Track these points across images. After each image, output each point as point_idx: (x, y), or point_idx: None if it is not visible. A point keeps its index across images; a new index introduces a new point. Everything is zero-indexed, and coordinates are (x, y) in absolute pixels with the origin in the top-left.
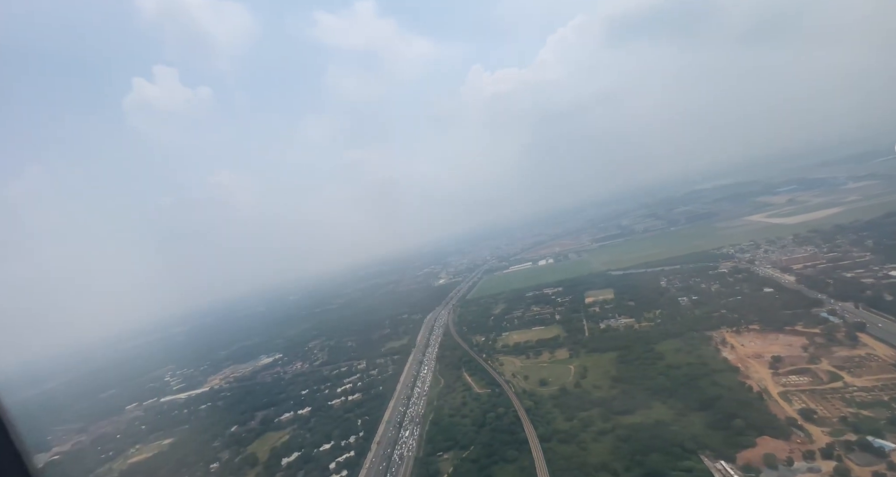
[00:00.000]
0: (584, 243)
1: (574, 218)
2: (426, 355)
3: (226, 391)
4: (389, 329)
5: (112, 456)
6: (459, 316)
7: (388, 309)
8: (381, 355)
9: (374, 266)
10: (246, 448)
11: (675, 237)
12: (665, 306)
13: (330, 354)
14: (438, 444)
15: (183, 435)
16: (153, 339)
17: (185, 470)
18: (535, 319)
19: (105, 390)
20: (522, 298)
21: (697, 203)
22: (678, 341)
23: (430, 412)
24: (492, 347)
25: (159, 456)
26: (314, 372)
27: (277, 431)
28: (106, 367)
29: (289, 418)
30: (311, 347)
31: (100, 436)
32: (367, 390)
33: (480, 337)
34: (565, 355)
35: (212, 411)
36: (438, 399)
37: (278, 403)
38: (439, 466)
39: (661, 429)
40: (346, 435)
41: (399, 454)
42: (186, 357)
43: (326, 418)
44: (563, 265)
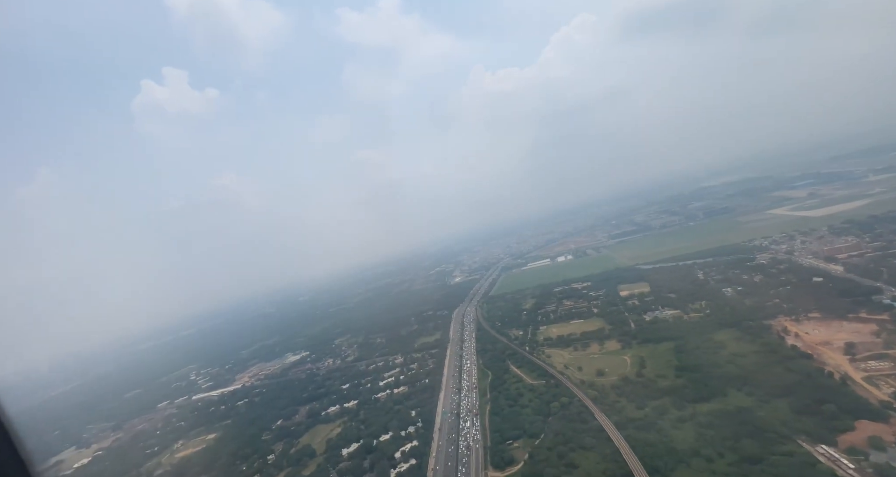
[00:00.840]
0: (601, 240)
1: (582, 216)
2: (464, 349)
3: (260, 388)
4: (417, 325)
5: (157, 451)
6: (488, 311)
7: (409, 307)
8: (415, 351)
9: (380, 267)
10: (298, 440)
11: (698, 232)
12: (710, 297)
13: (361, 351)
14: (505, 433)
15: (227, 430)
16: (163, 341)
17: (241, 462)
18: (572, 313)
19: (129, 390)
20: (551, 294)
21: (711, 199)
22: (735, 331)
23: (485, 403)
24: (533, 341)
25: (208, 450)
26: (348, 368)
27: (327, 424)
28: (121, 369)
29: (336, 411)
30: (339, 345)
31: (138, 433)
32: (412, 383)
33: (517, 331)
34: (616, 347)
35: (251, 407)
36: (491, 391)
37: (319, 397)
38: (512, 453)
39: (746, 415)
40: (403, 426)
41: (465, 444)
42: (206, 357)
43: (376, 410)
44: (584, 261)
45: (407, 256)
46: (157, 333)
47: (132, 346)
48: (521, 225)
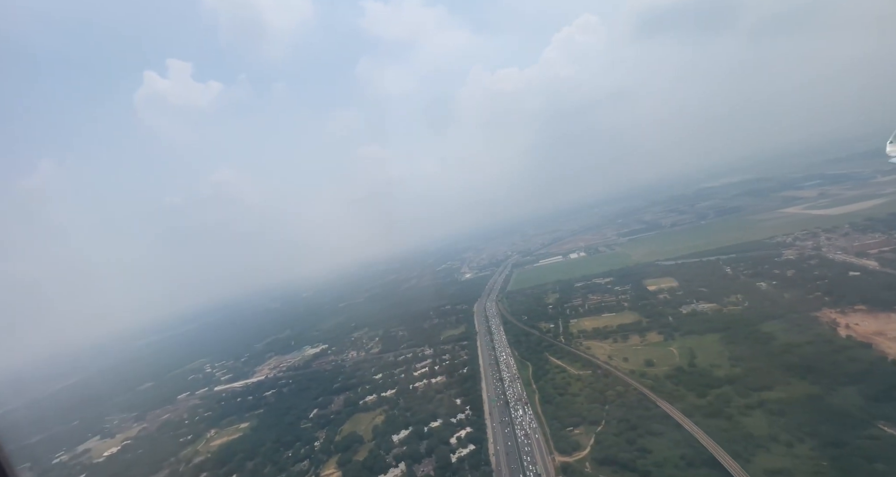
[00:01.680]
0: (611, 237)
1: (583, 215)
2: (495, 342)
3: (285, 379)
4: (437, 319)
5: (191, 439)
6: (510, 306)
7: (423, 302)
8: (442, 343)
9: (380, 264)
10: (340, 428)
11: (711, 230)
12: (744, 291)
13: (384, 344)
14: (562, 420)
15: (260, 419)
16: (165, 337)
17: (285, 448)
18: (602, 307)
19: (141, 383)
20: (572, 289)
21: (716, 199)
22: (781, 323)
23: (532, 392)
24: (567, 333)
25: (245, 438)
26: (376, 359)
27: (367, 413)
28: (124, 363)
29: (374, 400)
30: (358, 338)
31: (163, 423)
32: (449, 374)
33: (547, 324)
34: (658, 338)
35: (281, 397)
36: (536, 381)
37: (352, 387)
38: (576, 439)
39: (817, 402)
40: (451, 413)
41: (522, 431)
42: (217, 351)
43: (417, 399)
44: (598, 258)
45: (407, 255)
46: (156, 329)
47: (131, 341)
48: (521, 223)
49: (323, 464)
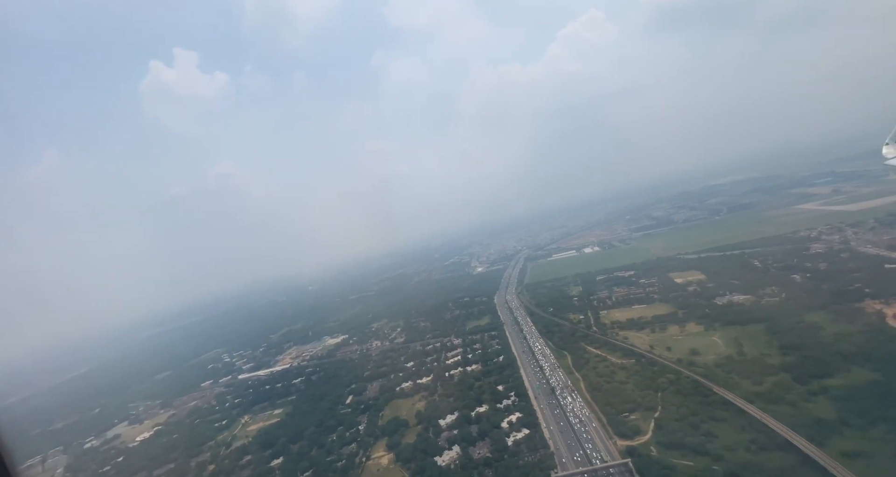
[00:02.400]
0: (622, 233)
1: (589, 212)
2: (525, 332)
3: (312, 367)
4: (458, 311)
5: (225, 425)
6: (532, 298)
7: (440, 294)
8: (469, 333)
9: (383, 259)
10: (381, 413)
11: (727, 225)
12: (778, 284)
13: (407, 334)
14: (615, 406)
15: (295, 405)
16: (169, 329)
17: (328, 432)
18: (631, 299)
19: (158, 373)
20: (595, 281)
21: (725, 196)
22: (825, 313)
23: (577, 380)
24: (599, 324)
25: (283, 423)
26: (402, 348)
27: (405, 399)
28: (133, 354)
29: (410, 387)
30: (378, 328)
31: (192, 409)
32: (484, 362)
33: (576, 315)
34: (698, 329)
35: (311, 385)
36: (578, 369)
37: (383, 375)
38: (636, 424)
39: (882, 388)
40: (496, 399)
41: (575, 416)
42: (232, 342)
43: (456, 386)
44: (614, 252)
45: (408, 250)
46: (158, 322)
47: (134, 333)
48: (524, 220)
49: (371, 447)
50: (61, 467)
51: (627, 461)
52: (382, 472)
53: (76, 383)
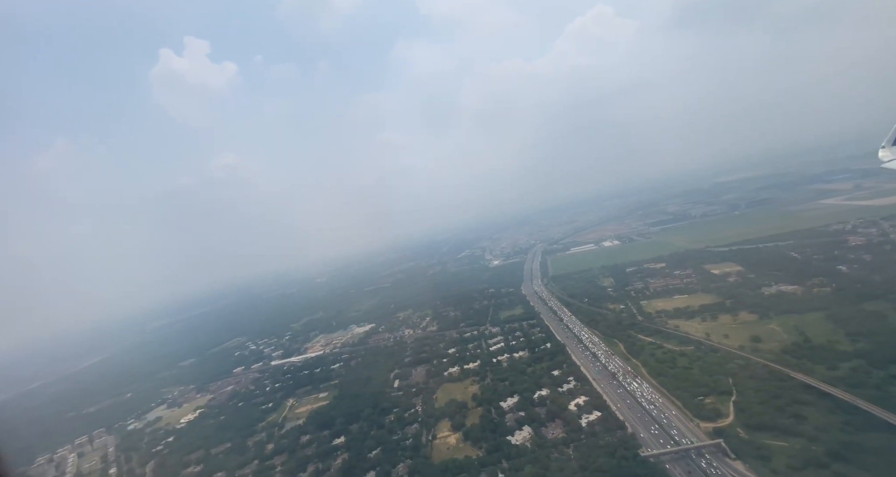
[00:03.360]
0: (638, 228)
1: (596, 208)
2: (565, 321)
3: (347, 354)
4: (487, 301)
5: (271, 407)
6: (562, 289)
7: (461, 285)
8: (504, 322)
9: (387, 253)
10: (434, 396)
11: (749, 219)
12: (825, 274)
13: (439, 323)
14: (688, 390)
15: (339, 389)
16: (177, 320)
17: (384, 414)
18: (670, 289)
19: (182, 360)
20: (624, 273)
21: (739, 192)
22: (885, 302)
23: (636, 366)
24: (644, 313)
25: (332, 406)
26: (437, 336)
27: (455, 383)
28: (146, 343)
29: (457, 373)
30: (406, 318)
31: (231, 394)
32: (530, 349)
33: (615, 305)
34: (751, 318)
35: (350, 370)
36: (634, 356)
37: (425, 360)
38: (715, 407)
39: None
40: (554, 383)
41: (649, 402)
42: (252, 331)
43: (506, 371)
44: (636, 246)
45: (413, 244)
46: (163, 314)
47: (138, 325)
48: (530, 215)
49: (433, 427)
50: (112, 447)
51: (719, 441)
52: (452, 450)
53: (95, 371)
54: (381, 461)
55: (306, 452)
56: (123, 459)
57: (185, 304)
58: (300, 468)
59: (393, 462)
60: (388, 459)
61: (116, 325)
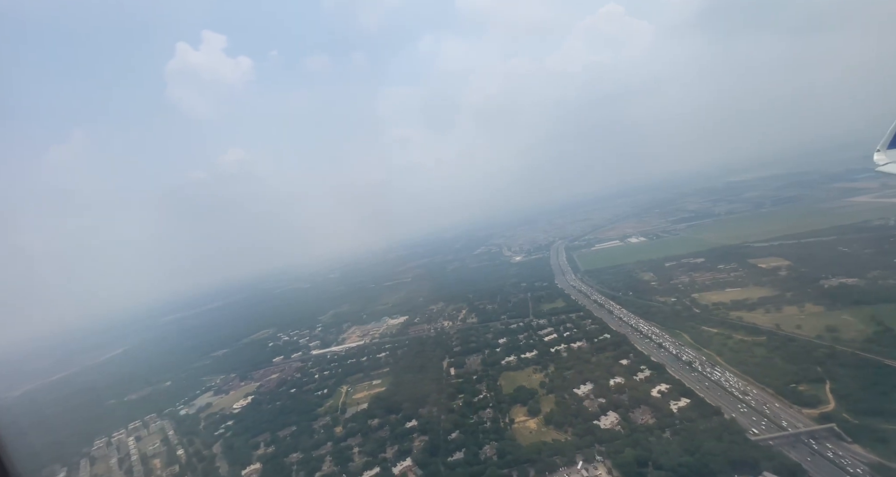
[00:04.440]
0: (661, 225)
1: (608, 206)
2: (616, 314)
3: (390, 344)
4: (522, 294)
5: (326, 394)
6: (600, 282)
7: (488, 280)
8: (548, 314)
9: (398, 250)
10: (497, 383)
11: (780, 216)
12: (882, 267)
13: (478, 315)
14: (776, 378)
15: (393, 376)
16: (191, 314)
17: (451, 399)
18: (720, 282)
19: (212, 351)
20: (664, 268)
21: (759, 190)
22: None
23: (711, 355)
24: (699, 306)
25: (392, 392)
26: (481, 328)
27: (515, 371)
28: (167, 335)
29: (514, 361)
30: (439, 310)
31: (278, 381)
32: (588, 339)
33: (666, 298)
34: (818, 309)
35: (397, 358)
36: (704, 346)
37: (476, 350)
38: (811, 394)
39: None
40: (630, 372)
41: (738, 390)
42: (277, 323)
43: (568, 360)
44: (666, 242)
45: (421, 241)
46: (174, 308)
47: (150, 319)
48: (537, 214)
49: (507, 412)
50: (170, 430)
51: (832, 426)
52: (535, 434)
53: (119, 362)
54: (465, 443)
55: (379, 434)
56: (186, 441)
57: (193, 299)
58: (379, 449)
59: (478, 444)
60: (471, 441)
61: (126, 319)
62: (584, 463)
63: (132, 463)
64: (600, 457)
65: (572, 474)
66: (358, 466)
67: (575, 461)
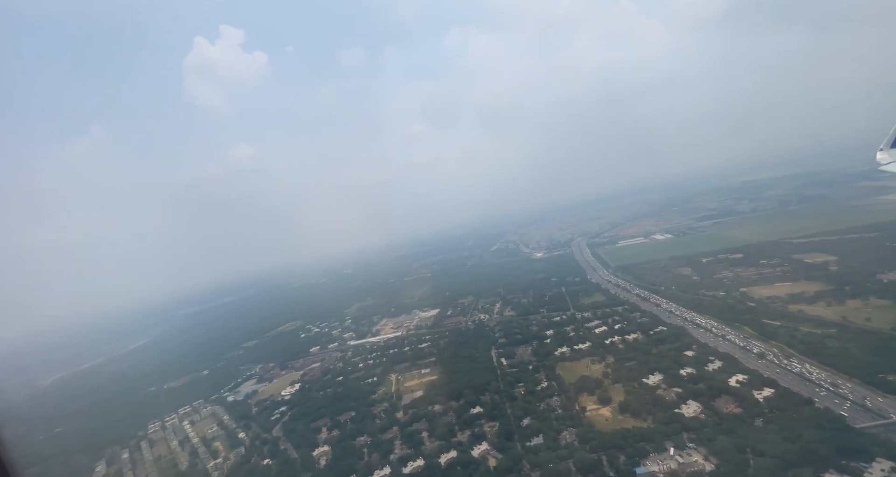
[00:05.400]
0: (684, 222)
1: (620, 205)
2: (662, 307)
3: (429, 334)
4: (557, 289)
5: (377, 381)
6: (636, 277)
7: (513, 276)
8: (590, 308)
9: (409, 247)
10: (556, 373)
11: (810, 214)
12: None
13: (515, 309)
14: (861, 369)
15: (442, 365)
16: (207, 307)
17: (510, 387)
18: (767, 277)
19: (242, 342)
20: (701, 263)
21: (780, 189)
22: None
23: (781, 347)
24: (753, 300)
25: (446, 380)
26: (521, 320)
27: (571, 361)
28: (189, 327)
29: (568, 352)
30: (470, 304)
31: (322, 369)
32: (642, 332)
33: (714, 292)
34: (882, 302)
35: (440, 348)
36: (771, 338)
37: (522, 341)
38: None
39: None
40: (697, 362)
41: (820, 380)
42: (303, 316)
43: (626, 352)
44: (695, 239)
45: (429, 239)
46: (187, 302)
47: (168, 312)
48: (541, 214)
49: (575, 400)
50: (224, 415)
51: None
52: (612, 422)
53: (144, 353)
54: (541, 428)
55: (444, 420)
56: (243, 425)
57: (204, 294)
58: (449, 434)
59: (555, 429)
60: (547, 427)
61: (139, 312)
62: (676, 450)
63: (194, 445)
64: (692, 444)
65: (665, 460)
66: (431, 449)
67: (665, 448)
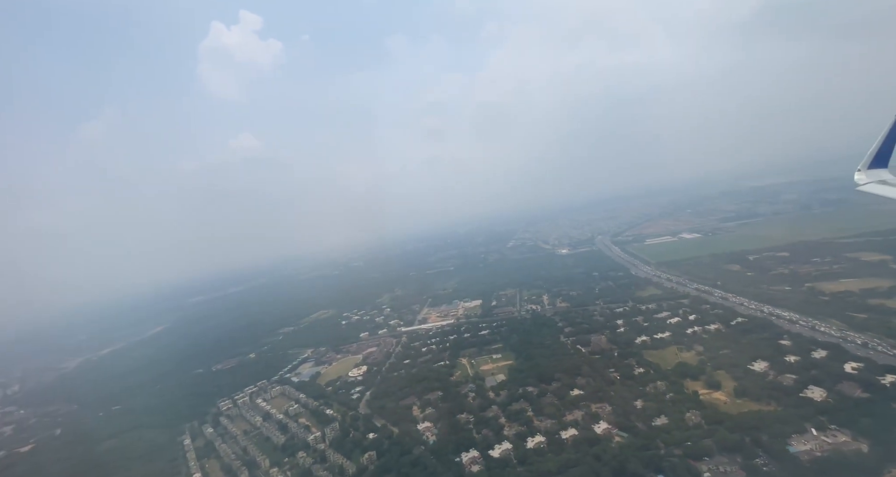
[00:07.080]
0: (710, 223)
1: (631, 205)
2: (730, 300)
3: (484, 322)
4: (604, 283)
5: (449, 365)
6: (686, 273)
7: (543, 270)
8: (651, 301)
9: (416, 242)
10: (646, 360)
11: (839, 217)
12: None
13: (566, 301)
14: None
15: (514, 351)
16: (216, 296)
17: (600, 373)
18: (829, 274)
19: (278, 328)
20: (747, 261)
21: (797, 193)
22: None
23: (883, 336)
24: (827, 294)
25: (525, 365)
26: (579, 311)
27: (654, 350)
28: (205, 315)
29: (648, 341)
30: (511, 296)
31: (383, 353)
32: (722, 323)
33: (779, 287)
34: None
35: (503, 335)
36: (867, 329)
37: (591, 331)
38: None
39: None
40: (800, 351)
41: None
42: (335, 304)
43: (714, 341)
44: (726, 238)
45: (433, 235)
46: (194, 291)
47: (176, 300)
48: (547, 214)
49: (681, 385)
50: (300, 393)
51: None
52: (731, 405)
53: (166, 338)
54: (660, 410)
55: (546, 400)
56: (323, 403)
57: (210, 283)
58: (559, 413)
59: (679, 411)
60: (667, 409)
61: (145, 300)
62: (818, 431)
63: (279, 419)
64: (833, 425)
65: (810, 441)
66: (547, 427)
67: (805, 429)
